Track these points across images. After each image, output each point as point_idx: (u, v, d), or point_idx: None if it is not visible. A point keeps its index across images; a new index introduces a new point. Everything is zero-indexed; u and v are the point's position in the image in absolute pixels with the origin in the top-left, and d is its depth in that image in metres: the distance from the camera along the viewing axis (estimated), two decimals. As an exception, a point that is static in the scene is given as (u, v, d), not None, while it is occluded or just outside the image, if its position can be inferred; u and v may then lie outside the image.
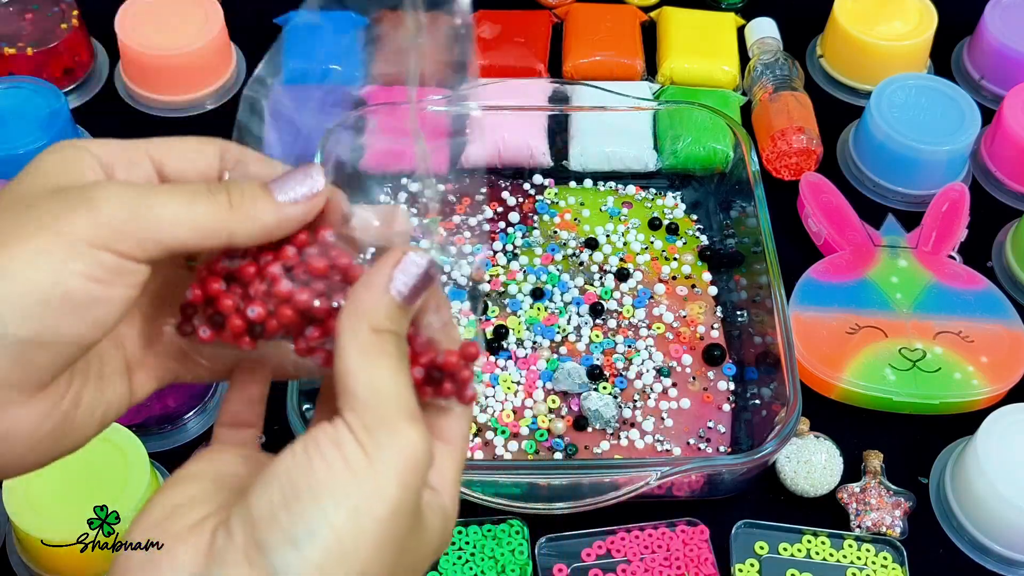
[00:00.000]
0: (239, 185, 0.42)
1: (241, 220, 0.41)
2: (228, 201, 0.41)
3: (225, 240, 0.41)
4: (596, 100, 0.91)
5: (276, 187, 0.42)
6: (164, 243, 0.39)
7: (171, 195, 0.40)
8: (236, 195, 0.41)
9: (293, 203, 0.42)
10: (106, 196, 0.39)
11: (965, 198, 0.90)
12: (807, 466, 0.76)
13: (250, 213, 0.41)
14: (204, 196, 0.40)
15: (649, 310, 0.85)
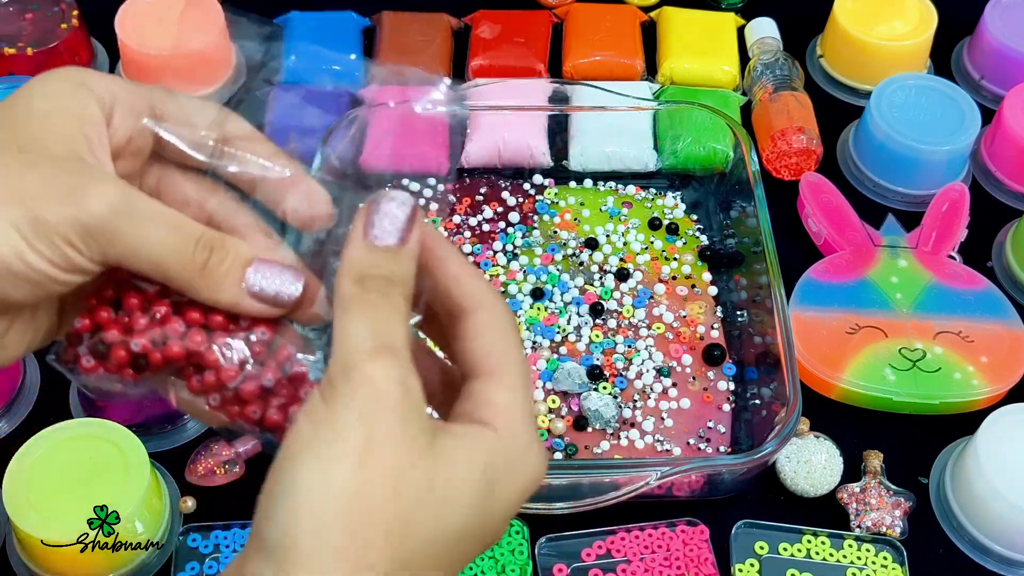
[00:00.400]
0: (224, 252, 0.42)
1: (203, 286, 0.42)
2: (204, 264, 0.41)
3: (182, 290, 0.42)
4: (596, 100, 0.91)
5: (254, 273, 0.42)
6: (126, 264, 0.41)
7: (159, 231, 0.41)
8: (215, 261, 0.42)
9: (257, 298, 0.42)
10: (99, 196, 0.40)
11: (965, 198, 0.90)
12: (807, 466, 0.76)
13: (214, 285, 0.42)
14: (187, 250, 0.41)
15: (649, 310, 0.85)
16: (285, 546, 0.37)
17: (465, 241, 0.89)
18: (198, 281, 0.41)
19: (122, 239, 0.40)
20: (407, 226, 0.42)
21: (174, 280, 0.41)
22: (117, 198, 0.40)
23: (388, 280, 0.41)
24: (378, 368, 0.38)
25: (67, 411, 0.80)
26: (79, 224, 0.39)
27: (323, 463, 0.37)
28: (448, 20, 1.05)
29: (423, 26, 1.03)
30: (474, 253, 0.88)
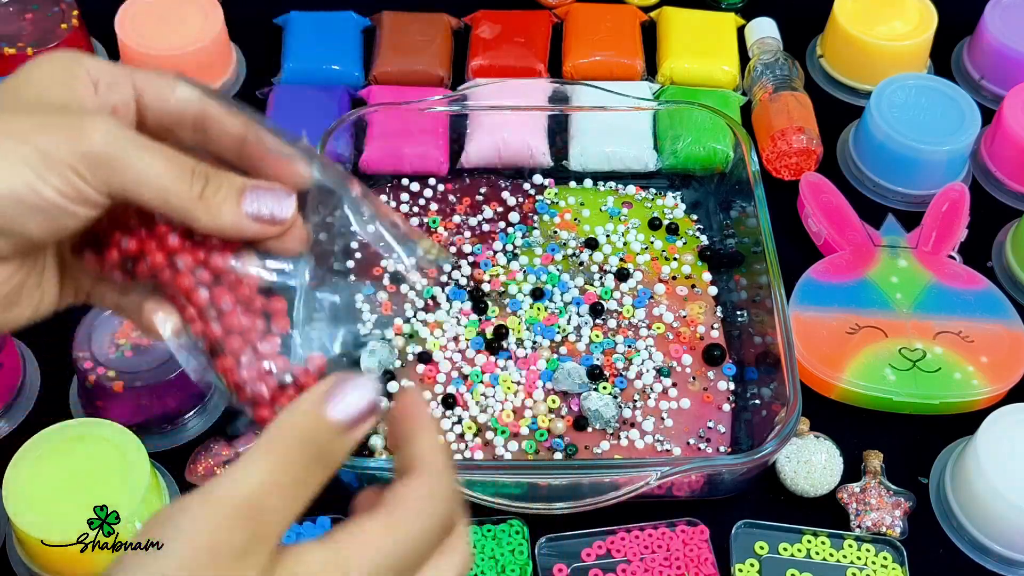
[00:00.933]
0: (219, 181, 0.45)
1: (203, 213, 0.44)
2: (201, 192, 0.44)
3: (183, 219, 0.44)
4: (596, 100, 0.91)
5: (249, 196, 0.45)
6: (128, 193, 0.43)
7: (157, 159, 0.44)
8: (211, 189, 0.44)
9: (254, 219, 0.45)
10: (98, 130, 0.43)
11: (965, 198, 0.90)
12: (807, 466, 0.76)
13: (213, 212, 0.44)
14: (185, 178, 0.44)
15: (649, 310, 0.85)
16: None
17: (465, 241, 0.89)
18: (198, 209, 0.44)
19: (124, 168, 0.43)
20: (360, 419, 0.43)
21: (175, 209, 0.44)
22: (115, 130, 0.43)
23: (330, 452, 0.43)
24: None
25: (67, 411, 0.80)
26: (83, 155, 0.42)
27: None
28: (448, 20, 1.05)
29: (423, 26, 1.03)
30: (474, 253, 0.88)
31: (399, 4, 1.05)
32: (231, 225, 0.45)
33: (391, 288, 0.85)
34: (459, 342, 0.83)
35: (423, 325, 0.83)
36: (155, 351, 0.76)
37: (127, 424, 0.73)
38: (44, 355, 0.83)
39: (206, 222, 0.44)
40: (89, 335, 0.76)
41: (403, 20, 1.04)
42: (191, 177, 0.44)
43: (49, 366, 0.82)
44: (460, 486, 0.69)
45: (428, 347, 0.82)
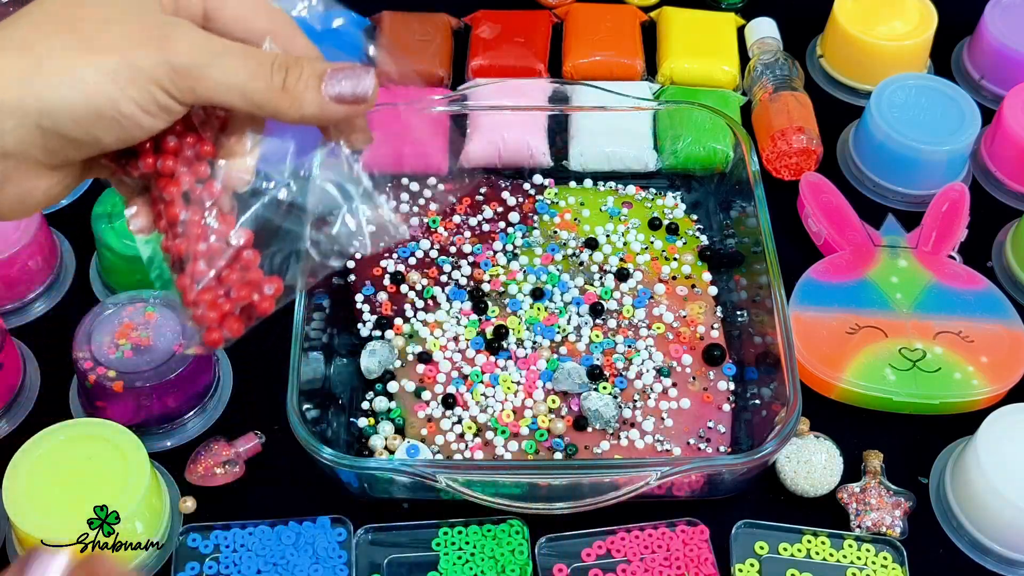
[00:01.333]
0: (299, 70, 0.47)
1: (288, 105, 0.46)
2: (283, 84, 0.46)
3: (270, 115, 0.47)
4: (596, 100, 0.91)
5: (329, 80, 0.47)
6: (215, 100, 0.46)
7: (238, 61, 0.45)
8: (292, 79, 0.46)
9: (337, 101, 0.47)
10: (182, 40, 0.45)
11: (965, 198, 0.90)
12: (807, 466, 0.76)
13: (297, 101, 0.46)
14: (265, 73, 0.46)
15: (649, 310, 0.85)
16: None
17: (465, 241, 0.89)
18: (282, 101, 0.46)
19: (209, 74, 0.45)
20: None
21: (261, 105, 0.46)
22: (199, 39, 0.45)
23: None
24: None
25: (67, 411, 0.80)
26: (170, 67, 0.44)
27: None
28: (448, 20, 1.05)
29: (423, 26, 1.03)
30: (474, 253, 0.88)
31: (399, 4, 1.05)
32: (317, 111, 0.47)
33: (391, 288, 0.85)
34: (459, 342, 0.83)
35: (423, 325, 0.83)
36: (155, 351, 0.76)
37: (127, 424, 0.73)
38: (44, 355, 0.83)
39: (292, 113, 0.46)
40: (89, 335, 0.76)
41: (403, 20, 1.04)
42: (271, 72, 0.46)
43: (49, 366, 0.82)
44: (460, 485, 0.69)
45: (428, 347, 0.82)
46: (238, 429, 0.78)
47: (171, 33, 0.45)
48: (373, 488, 0.74)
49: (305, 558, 0.72)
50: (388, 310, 0.84)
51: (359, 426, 0.78)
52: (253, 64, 0.46)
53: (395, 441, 0.77)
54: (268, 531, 0.73)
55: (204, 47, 0.45)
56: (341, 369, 0.81)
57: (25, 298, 0.85)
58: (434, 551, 0.73)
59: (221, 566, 0.72)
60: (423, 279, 0.86)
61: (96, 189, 0.90)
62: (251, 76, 0.45)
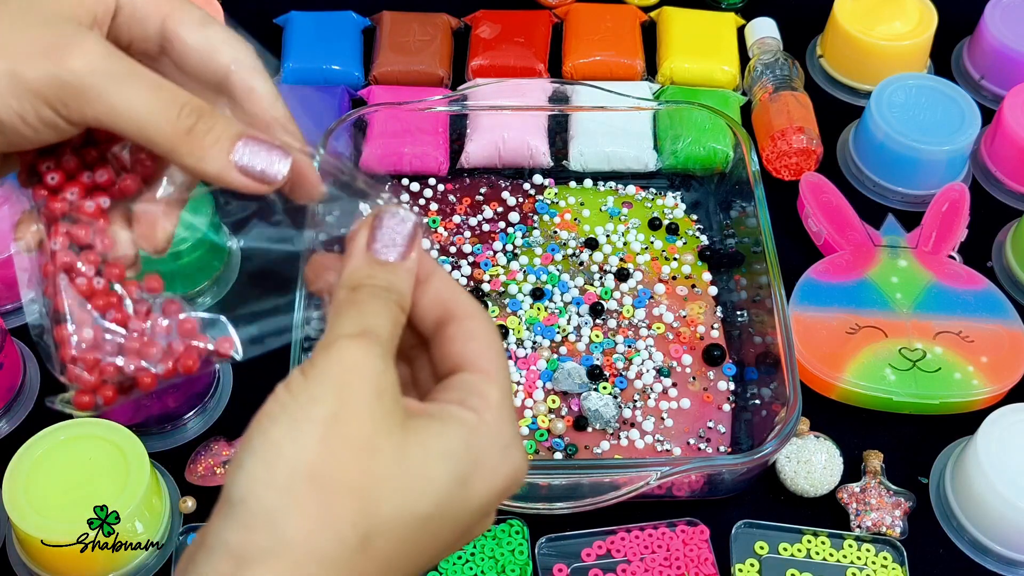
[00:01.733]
0: (212, 121, 0.41)
1: (188, 152, 0.41)
2: (190, 129, 0.41)
3: (166, 156, 0.41)
4: (596, 100, 0.91)
5: (242, 147, 0.42)
6: (104, 124, 0.40)
7: (144, 90, 0.40)
8: (202, 127, 0.41)
9: (242, 172, 0.42)
10: (83, 54, 0.39)
11: (965, 198, 0.90)
12: (807, 466, 0.76)
13: (200, 153, 0.41)
14: (172, 112, 0.40)
15: (649, 310, 0.85)
16: (249, 501, 0.36)
17: (465, 241, 0.89)
18: (183, 146, 0.40)
19: (102, 99, 0.39)
20: (409, 242, 0.42)
21: (158, 144, 0.40)
22: (99, 57, 0.40)
23: (384, 289, 0.41)
24: (358, 347, 0.39)
25: (67, 411, 0.80)
26: (57, 81, 0.39)
27: (296, 424, 0.37)
28: (448, 20, 1.05)
29: (423, 26, 1.03)
30: (474, 253, 0.88)
31: (399, 4, 1.05)
32: (216, 172, 0.41)
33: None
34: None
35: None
36: (155, 351, 0.76)
37: (127, 424, 0.73)
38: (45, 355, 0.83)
39: (190, 163, 0.41)
40: (89, 335, 0.76)
41: (403, 20, 1.03)
42: (178, 112, 0.40)
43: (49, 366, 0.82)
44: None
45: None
46: (238, 429, 0.77)
47: (71, 45, 0.39)
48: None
49: (305, 558, 0.72)
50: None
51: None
52: (162, 97, 0.40)
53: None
54: (268, 531, 0.73)
55: (105, 66, 0.39)
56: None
57: (25, 298, 0.85)
58: (434, 551, 0.73)
59: (221, 566, 0.72)
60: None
61: (96, 189, 0.90)
62: (154, 110, 0.40)
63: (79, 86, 0.39)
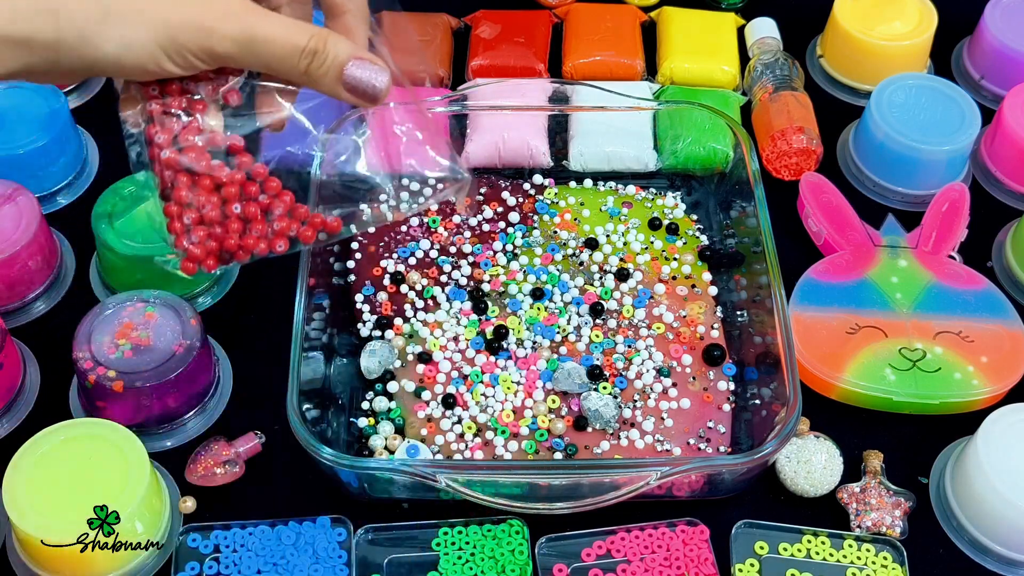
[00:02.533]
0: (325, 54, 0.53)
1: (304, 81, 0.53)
2: (307, 68, 0.53)
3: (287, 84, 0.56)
4: (596, 100, 0.91)
5: (351, 66, 0.54)
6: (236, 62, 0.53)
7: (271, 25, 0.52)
8: (316, 63, 0.53)
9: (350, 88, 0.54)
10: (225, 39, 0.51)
11: (965, 198, 0.90)
12: (807, 466, 0.76)
13: (315, 81, 0.53)
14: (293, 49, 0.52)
15: (649, 310, 0.85)
16: None
17: (465, 241, 0.89)
18: (299, 80, 0.54)
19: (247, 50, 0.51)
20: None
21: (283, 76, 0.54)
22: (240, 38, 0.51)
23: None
24: None
25: (67, 411, 0.80)
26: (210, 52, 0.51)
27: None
28: (448, 20, 1.05)
29: (423, 26, 1.03)
30: (474, 253, 0.88)
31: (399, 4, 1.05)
32: (328, 91, 0.53)
33: (391, 288, 0.85)
34: (459, 342, 0.83)
35: (423, 325, 0.83)
36: (155, 351, 0.76)
37: (127, 424, 0.73)
38: (44, 355, 0.83)
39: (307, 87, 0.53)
40: (89, 335, 0.76)
41: (403, 20, 1.03)
42: (300, 54, 0.52)
43: (49, 366, 0.82)
44: (460, 485, 0.69)
45: (428, 347, 0.82)
46: (238, 429, 0.78)
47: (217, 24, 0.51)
48: (373, 488, 0.74)
49: (305, 558, 0.72)
50: (388, 310, 0.84)
51: (359, 426, 0.78)
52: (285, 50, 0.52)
53: (395, 441, 0.77)
54: (268, 531, 0.73)
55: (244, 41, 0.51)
56: (341, 369, 0.81)
57: (25, 298, 0.85)
58: (434, 551, 0.73)
59: (221, 566, 0.72)
60: (423, 279, 0.86)
61: (96, 189, 0.90)
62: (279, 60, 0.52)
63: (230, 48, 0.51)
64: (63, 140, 0.91)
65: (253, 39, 0.52)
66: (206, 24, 0.51)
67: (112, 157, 0.96)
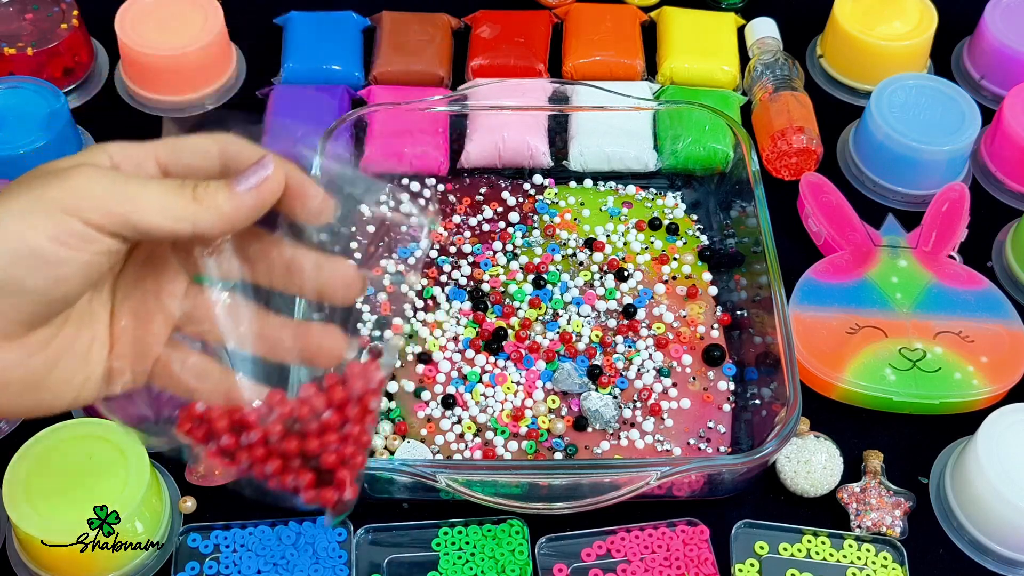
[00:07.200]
0: (207, 182, 0.47)
1: (203, 209, 0.46)
2: (193, 194, 0.47)
3: (191, 228, 0.46)
4: (596, 100, 0.91)
5: (236, 180, 0.48)
6: (132, 221, 0.45)
7: (144, 182, 0.46)
8: (201, 189, 0.47)
9: (247, 191, 0.47)
10: (84, 172, 0.45)
11: (965, 198, 0.90)
12: (807, 466, 0.76)
13: (210, 204, 0.47)
14: (174, 187, 0.47)
15: (649, 310, 0.85)
16: None
17: (465, 241, 0.89)
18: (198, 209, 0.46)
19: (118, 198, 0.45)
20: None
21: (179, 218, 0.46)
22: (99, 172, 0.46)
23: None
24: None
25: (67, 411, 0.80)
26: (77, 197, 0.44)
27: None
28: (448, 20, 1.05)
29: (423, 26, 1.03)
30: (474, 253, 0.88)
31: (399, 4, 1.05)
32: (232, 209, 0.47)
33: (390, 289, 0.85)
34: (459, 342, 0.83)
35: (423, 325, 0.83)
36: (155, 351, 0.76)
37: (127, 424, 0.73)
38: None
39: (210, 215, 0.46)
40: (89, 335, 0.76)
41: (403, 20, 1.04)
42: (181, 187, 0.47)
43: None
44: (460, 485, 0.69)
45: (428, 347, 0.82)
46: (238, 429, 0.77)
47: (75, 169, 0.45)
48: (373, 488, 0.74)
49: (305, 558, 0.72)
50: (388, 310, 0.84)
51: (359, 426, 0.78)
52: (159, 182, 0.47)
53: (395, 441, 0.77)
54: (268, 531, 0.73)
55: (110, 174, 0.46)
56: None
57: (25, 298, 0.85)
58: (434, 551, 0.73)
59: (221, 566, 0.72)
60: (423, 279, 0.86)
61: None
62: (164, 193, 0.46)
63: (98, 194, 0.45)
64: (63, 140, 0.91)
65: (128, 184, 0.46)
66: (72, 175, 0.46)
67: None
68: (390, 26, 1.03)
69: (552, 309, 0.85)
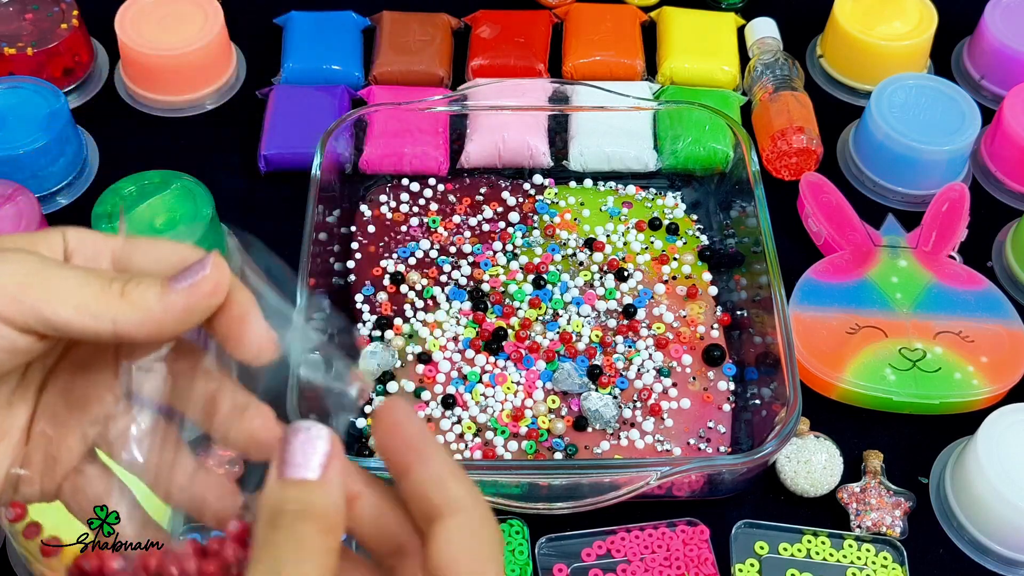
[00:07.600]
0: (139, 278, 0.41)
1: (127, 308, 0.40)
2: (121, 290, 0.40)
3: (110, 327, 0.40)
4: (596, 100, 0.91)
5: (174, 278, 0.41)
6: (46, 318, 0.39)
7: (68, 274, 0.40)
8: (131, 284, 0.40)
9: (177, 292, 0.40)
10: (8, 258, 0.39)
11: (965, 198, 0.90)
12: (807, 466, 0.76)
13: (137, 302, 0.40)
14: (99, 281, 0.40)
15: (649, 310, 0.85)
16: None
17: (465, 241, 0.89)
18: (120, 307, 0.40)
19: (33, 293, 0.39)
20: (324, 458, 0.40)
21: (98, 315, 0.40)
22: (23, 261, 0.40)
23: (301, 514, 0.39)
24: None
25: None
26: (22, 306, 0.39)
27: None
28: (448, 20, 1.05)
29: (423, 26, 1.03)
30: (474, 253, 0.88)
31: (399, 4, 1.05)
32: (160, 310, 0.40)
33: (391, 288, 0.85)
34: (459, 342, 0.83)
35: (423, 325, 0.83)
36: (155, 351, 0.76)
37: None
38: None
39: (136, 318, 0.40)
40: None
41: (403, 20, 1.04)
42: (109, 283, 0.40)
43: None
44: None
45: (428, 347, 0.82)
46: (238, 429, 0.77)
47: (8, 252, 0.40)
48: (373, 488, 0.74)
49: (305, 558, 0.72)
50: (388, 310, 0.84)
51: (359, 426, 0.78)
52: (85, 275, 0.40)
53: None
54: (268, 531, 0.73)
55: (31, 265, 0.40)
56: (341, 369, 0.81)
57: (25, 298, 0.85)
58: (434, 551, 0.73)
59: (221, 566, 0.72)
60: (423, 279, 0.86)
61: (96, 189, 0.90)
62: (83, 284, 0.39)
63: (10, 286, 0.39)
64: (63, 140, 0.91)
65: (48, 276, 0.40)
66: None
67: (112, 157, 0.96)
68: (390, 26, 1.03)
69: (552, 309, 0.85)
